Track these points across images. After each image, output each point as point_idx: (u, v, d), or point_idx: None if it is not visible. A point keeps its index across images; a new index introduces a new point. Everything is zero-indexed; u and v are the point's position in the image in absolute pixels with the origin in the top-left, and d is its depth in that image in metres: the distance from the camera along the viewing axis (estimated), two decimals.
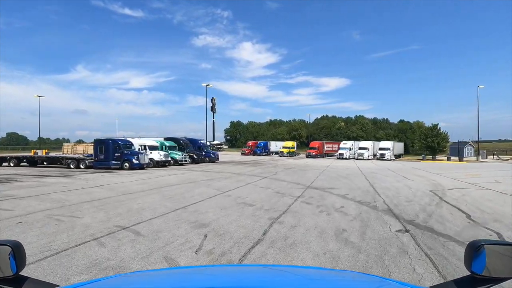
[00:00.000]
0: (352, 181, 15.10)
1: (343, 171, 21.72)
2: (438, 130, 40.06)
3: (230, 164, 29.48)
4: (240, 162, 33.47)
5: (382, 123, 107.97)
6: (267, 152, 58.51)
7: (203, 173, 19.11)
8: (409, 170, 23.93)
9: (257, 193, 10.99)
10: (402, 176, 18.02)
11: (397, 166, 29.19)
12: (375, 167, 26.86)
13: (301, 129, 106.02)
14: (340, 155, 46.12)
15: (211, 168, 24.35)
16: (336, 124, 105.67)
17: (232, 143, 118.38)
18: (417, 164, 32.47)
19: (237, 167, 25.14)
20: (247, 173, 19.27)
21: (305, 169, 23.88)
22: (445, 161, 37.92)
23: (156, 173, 18.82)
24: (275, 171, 21.06)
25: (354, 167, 26.54)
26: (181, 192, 10.92)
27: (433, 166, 29.67)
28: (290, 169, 23.24)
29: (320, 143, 53.16)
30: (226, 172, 20.37)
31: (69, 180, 14.78)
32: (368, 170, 22.81)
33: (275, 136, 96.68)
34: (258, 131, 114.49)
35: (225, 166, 27.12)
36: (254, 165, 27.88)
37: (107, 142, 22.35)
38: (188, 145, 31.54)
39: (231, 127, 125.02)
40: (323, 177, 17.42)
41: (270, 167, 25.28)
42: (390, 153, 43.81)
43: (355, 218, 7.13)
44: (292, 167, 26.23)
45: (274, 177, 17.16)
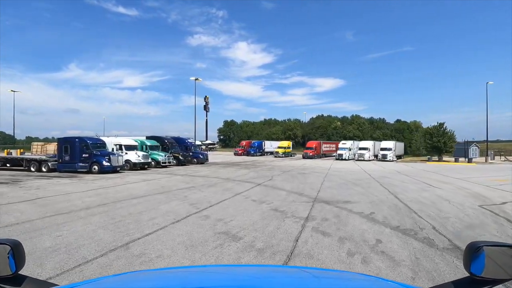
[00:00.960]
0: (368, 190, 12.09)
1: (350, 175, 18.73)
2: (444, 129, 37.42)
3: (220, 166, 26.31)
4: (231, 164, 30.31)
5: (379, 123, 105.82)
6: (261, 152, 55.42)
7: (184, 178, 15.92)
8: (422, 173, 21.06)
9: (247, 212, 7.86)
10: (424, 183, 15.08)
11: (406, 168, 26.34)
12: (382, 170, 23.97)
13: (296, 128, 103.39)
14: (339, 156, 43.27)
15: (197, 171, 21.16)
16: (332, 124, 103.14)
17: (226, 143, 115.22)
18: (425, 166, 29.70)
19: (227, 170, 21.99)
20: (237, 178, 16.12)
21: (305, 172, 20.85)
22: (453, 162, 35.31)
23: (127, 179, 15.56)
24: (271, 175, 17.97)
25: (359, 170, 23.60)
26: (140, 211, 7.73)
27: (445, 168, 26.92)
28: (287, 173, 20.19)
29: (318, 143, 50.29)
30: (213, 176, 17.20)
31: (6, 190, 11.46)
32: (377, 174, 19.88)
33: (269, 136, 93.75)
34: (252, 131, 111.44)
35: (214, 168, 23.94)
36: (246, 167, 24.75)
37: (73, 141, 18.99)
38: (173, 145, 28.26)
39: (225, 126, 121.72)
40: (329, 183, 14.39)
41: (265, 170, 22.19)
42: (392, 153, 41.11)
43: (415, 272, 4.06)
44: (290, 169, 23.20)
45: (270, 183, 14.06)
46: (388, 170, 23.59)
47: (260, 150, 55.36)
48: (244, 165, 27.81)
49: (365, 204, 8.96)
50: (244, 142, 59.44)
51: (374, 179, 16.44)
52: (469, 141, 41.79)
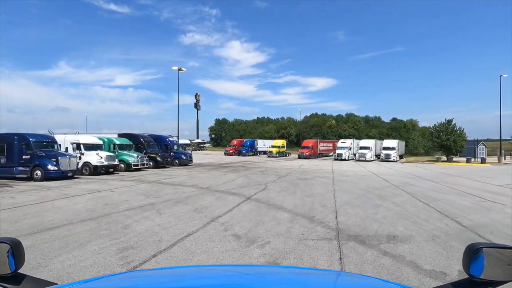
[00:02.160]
0: (404, 208, 8.37)
1: (362, 181, 15.06)
2: (453, 126, 34.19)
3: (205, 169, 22.38)
4: (219, 166, 26.38)
5: (375, 121, 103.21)
6: (253, 151, 51.59)
7: (149, 188, 11.97)
8: (448, 178, 17.54)
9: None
10: (469, 194, 11.44)
11: (421, 171, 22.84)
12: (395, 173, 20.40)
13: (290, 127, 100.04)
14: (338, 156, 39.72)
15: (174, 175, 17.20)
16: (327, 122, 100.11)
17: (217, 141, 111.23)
18: (439, 168, 26.31)
19: (211, 175, 18.08)
20: (220, 188, 12.25)
21: (306, 176, 17.09)
22: (463, 163, 32.09)
23: (69, 190, 11.50)
24: (265, 183, 14.16)
25: (368, 173, 19.99)
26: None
27: (465, 170, 23.53)
28: (285, 178, 16.41)
29: (314, 142, 46.69)
30: (189, 184, 13.29)
31: None
32: (394, 179, 16.26)
33: (262, 135, 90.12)
34: (244, 129, 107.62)
35: (196, 172, 20.00)
36: (235, 170, 20.89)
37: (10, 139, 14.81)
38: (150, 144, 24.19)
39: (216, 124, 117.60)
40: (344, 195, 10.64)
41: (258, 174, 18.36)
42: (396, 153, 37.80)
43: None
44: (287, 172, 19.44)
45: (264, 196, 10.23)
46: (402, 174, 20.02)
47: (252, 149, 51.52)
48: (234, 167, 23.94)
49: (427, 244, 5.21)
50: (235, 141, 55.50)
51: (398, 188, 12.77)
52: (477, 140, 38.78)
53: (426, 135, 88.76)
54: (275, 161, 35.87)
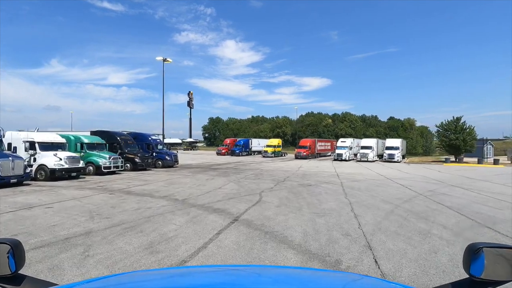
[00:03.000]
0: (473, 240, 5.58)
1: (379, 189, 12.28)
2: (463, 124, 31.71)
3: (191, 172, 19.41)
4: (208, 167, 23.43)
5: (371, 120, 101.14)
6: (247, 151, 48.68)
7: (106, 201, 8.98)
8: (478, 184, 14.87)
9: None
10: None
11: (438, 174, 20.20)
12: (409, 176, 17.70)
13: (285, 126, 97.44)
14: (338, 156, 37.02)
15: (149, 181, 14.22)
16: (323, 121, 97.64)
17: (211, 141, 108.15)
18: (456, 170, 23.72)
19: (195, 179, 15.14)
20: (200, 201, 9.33)
21: (309, 182, 14.26)
22: (475, 163, 29.64)
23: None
24: (259, 191, 11.28)
25: (378, 177, 17.25)
26: None
27: (485, 172, 20.94)
28: (284, 183, 13.57)
29: (312, 141, 43.93)
30: (163, 195, 10.33)
31: None
32: (416, 186, 13.53)
33: (257, 134, 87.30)
34: (239, 128, 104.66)
35: (179, 175, 17.03)
36: (226, 174, 17.96)
37: None
38: (128, 143, 21.12)
39: (210, 123, 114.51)
40: (370, 215, 7.79)
41: (251, 179, 15.47)
42: (399, 153, 35.26)
43: None
44: (286, 176, 16.60)
45: (258, 216, 7.34)
46: (418, 177, 17.32)
47: (246, 149, 48.60)
48: (224, 169, 21.02)
49: None
50: (228, 140, 52.47)
51: (430, 199, 10.01)
52: (484, 139, 36.45)
53: (425, 134, 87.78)
54: (270, 161, 33.02)
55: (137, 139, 23.40)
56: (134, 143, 21.67)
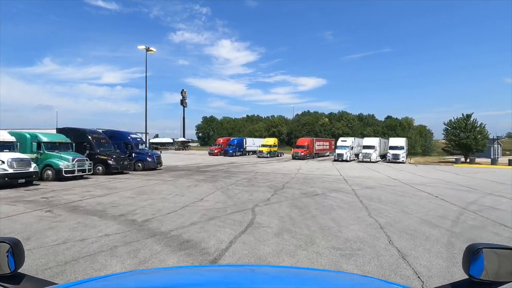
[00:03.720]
0: None
1: (406, 200, 9.64)
2: (473, 122, 29.34)
3: (174, 176, 16.60)
4: (196, 170, 20.64)
5: (369, 119, 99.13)
6: (241, 151, 45.87)
7: (32, 224, 6.15)
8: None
9: None
10: None
11: (459, 178, 17.68)
12: (429, 181, 15.14)
13: (281, 125, 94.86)
14: (338, 156, 34.44)
15: (119, 188, 11.38)
16: (320, 120, 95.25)
17: (205, 140, 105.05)
18: (475, 173, 21.26)
19: (174, 187, 12.34)
20: (165, 225, 6.54)
21: (314, 189, 11.52)
22: (487, 164, 27.30)
23: None
24: (253, 205, 8.54)
25: (393, 182, 14.65)
26: None
27: (508, 175, 18.44)
28: (283, 193, 10.85)
29: (310, 141, 41.27)
30: (119, 212, 7.51)
31: None
32: (448, 195, 10.92)
33: (252, 133, 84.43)
34: (233, 128, 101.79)
35: (157, 181, 14.22)
36: (213, 179, 15.18)
37: None
38: (101, 142, 18.21)
39: (204, 122, 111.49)
40: (424, 252, 5.09)
41: (243, 186, 12.71)
42: (404, 153, 32.81)
43: None
44: (285, 181, 13.89)
45: (250, 256, 4.65)
46: (441, 182, 14.75)
47: (240, 149, 45.79)
48: (214, 172, 18.23)
49: None
50: (221, 139, 49.59)
51: (485, 218, 7.38)
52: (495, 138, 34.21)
53: (424, 133, 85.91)
54: (266, 162, 30.30)
55: (114, 137, 20.50)
56: (108, 143, 18.77)
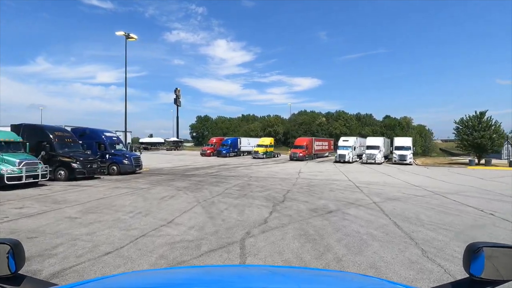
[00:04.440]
0: None
1: (458, 220, 6.93)
2: (488, 120, 26.90)
3: (150, 182, 13.74)
4: (181, 174, 17.79)
5: (367, 119, 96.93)
6: (236, 152, 42.99)
7: None
8: None
9: None
10: None
11: (489, 184, 15.11)
12: (460, 189, 12.49)
13: (277, 125, 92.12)
14: (340, 157, 31.80)
15: (67, 202, 8.50)
16: (317, 120, 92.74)
17: (199, 140, 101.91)
18: (501, 177, 18.75)
19: (142, 200, 9.47)
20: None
21: (327, 205, 8.70)
22: (505, 167, 24.86)
23: None
24: (243, 233, 5.76)
25: (418, 189, 11.98)
26: None
27: None
28: (286, 208, 8.08)
29: (309, 140, 38.58)
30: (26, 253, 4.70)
31: None
32: (500, 208, 8.24)
33: (247, 133, 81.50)
34: (228, 127, 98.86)
35: (125, 190, 11.34)
36: (197, 187, 12.35)
37: None
38: (66, 142, 15.28)
39: (198, 122, 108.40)
40: None
41: (233, 197, 9.90)
42: (411, 154, 30.30)
43: None
44: (285, 190, 11.13)
45: None
46: (477, 191, 12.09)
47: (234, 149, 42.89)
48: (201, 177, 15.39)
49: None
50: (214, 139, 46.64)
51: None
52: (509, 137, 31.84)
53: (424, 133, 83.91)
54: (262, 164, 27.53)
55: (85, 136, 17.58)
56: (76, 142, 15.83)
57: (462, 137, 28.13)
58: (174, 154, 48.96)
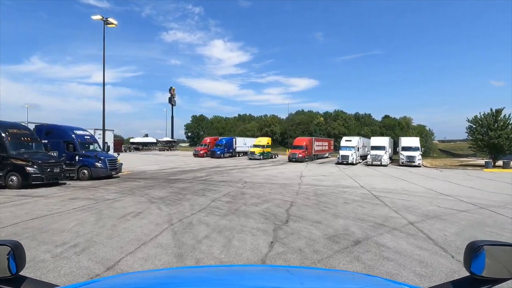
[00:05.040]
0: None
1: None
2: (506, 118, 24.69)
3: (121, 190, 11.20)
4: (164, 179, 15.29)
5: (366, 119, 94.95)
6: (231, 152, 40.50)
7: None
8: None
9: None
10: None
11: None
12: (499, 200, 10.13)
13: (274, 124, 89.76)
14: (343, 158, 29.43)
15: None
16: (315, 120, 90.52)
17: (194, 140, 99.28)
18: None
19: (93, 221, 6.93)
20: None
21: (350, 228, 6.18)
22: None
23: None
24: None
25: (456, 202, 9.61)
26: None
27: None
28: (293, 236, 5.63)
29: (309, 140, 36.19)
30: None
31: None
32: None
33: (244, 133, 79.00)
34: (224, 127, 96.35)
35: (82, 203, 8.80)
36: (176, 198, 9.85)
37: None
38: (21, 141, 12.71)
39: (193, 122, 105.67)
40: None
41: (218, 214, 7.41)
42: (420, 155, 28.04)
43: None
44: (289, 204, 8.70)
45: None
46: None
47: (229, 149, 40.41)
48: (185, 183, 12.89)
49: None
50: (208, 139, 44.04)
51: None
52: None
53: (424, 134, 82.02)
54: (258, 166, 25.08)
55: (51, 134, 15.07)
56: (36, 141, 13.27)
57: (475, 137, 25.89)
58: (166, 154, 46.38)
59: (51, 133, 15.06)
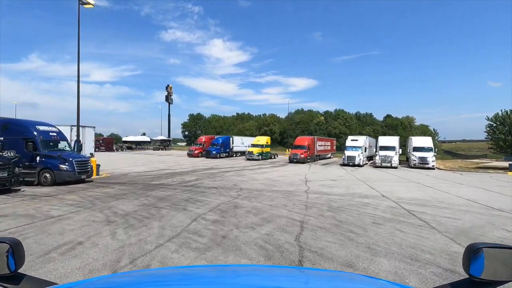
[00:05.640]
0: None
1: None
2: None
3: (80, 202, 8.66)
4: (144, 184, 12.76)
5: (367, 118, 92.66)
6: (228, 152, 37.96)
7: None
8: None
9: None
10: None
11: None
12: None
13: (273, 124, 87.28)
14: (349, 160, 26.93)
15: None
16: (315, 119, 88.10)
17: (191, 139, 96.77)
18: None
19: None
20: None
21: (409, 282, 3.91)
22: None
23: None
24: None
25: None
26: None
27: None
28: None
29: (311, 140, 33.63)
30: None
31: None
32: None
33: (242, 132, 76.44)
34: (222, 126, 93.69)
35: (11, 224, 6.31)
36: (147, 214, 7.32)
37: None
38: None
39: (190, 120, 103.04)
40: None
41: (198, 250, 4.90)
42: (433, 156, 25.62)
43: None
44: (298, 222, 6.20)
45: None
46: None
47: (226, 149, 37.87)
48: (168, 190, 10.39)
49: None
50: (203, 137, 41.49)
51: None
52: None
53: (428, 133, 79.79)
54: (257, 168, 22.61)
55: (8, 130, 12.51)
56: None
57: (495, 136, 23.53)
58: (159, 154, 43.82)
59: (8, 128, 12.54)
